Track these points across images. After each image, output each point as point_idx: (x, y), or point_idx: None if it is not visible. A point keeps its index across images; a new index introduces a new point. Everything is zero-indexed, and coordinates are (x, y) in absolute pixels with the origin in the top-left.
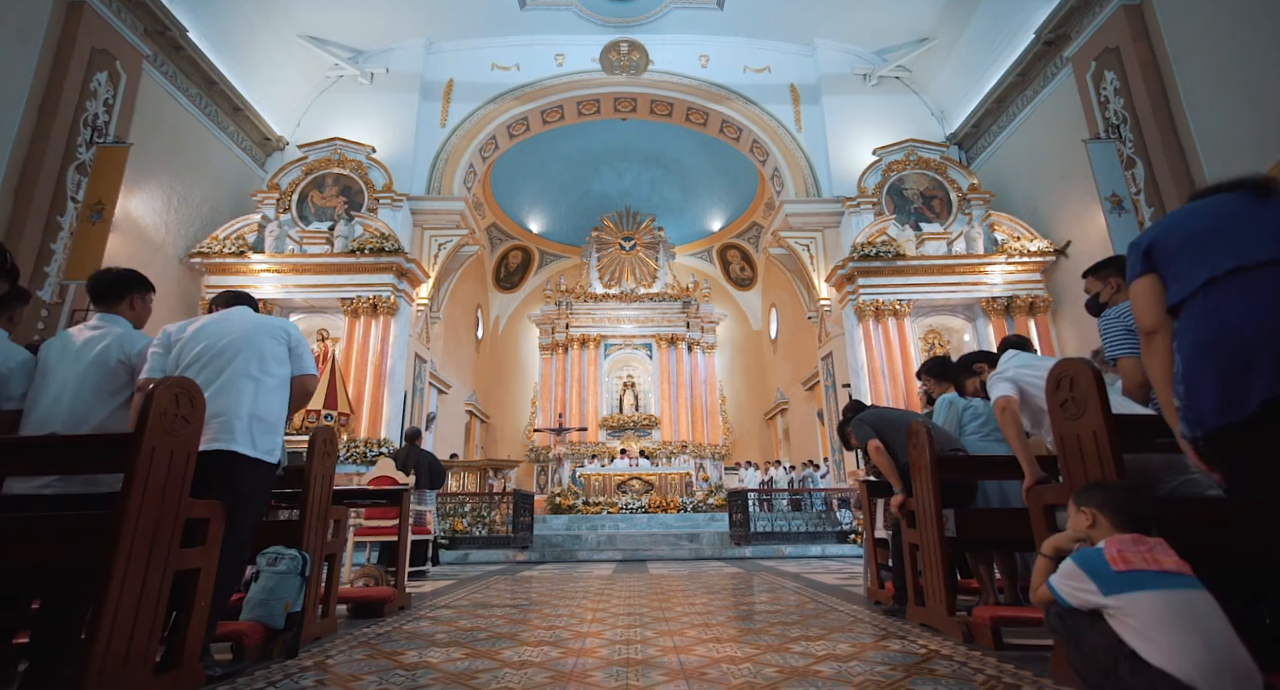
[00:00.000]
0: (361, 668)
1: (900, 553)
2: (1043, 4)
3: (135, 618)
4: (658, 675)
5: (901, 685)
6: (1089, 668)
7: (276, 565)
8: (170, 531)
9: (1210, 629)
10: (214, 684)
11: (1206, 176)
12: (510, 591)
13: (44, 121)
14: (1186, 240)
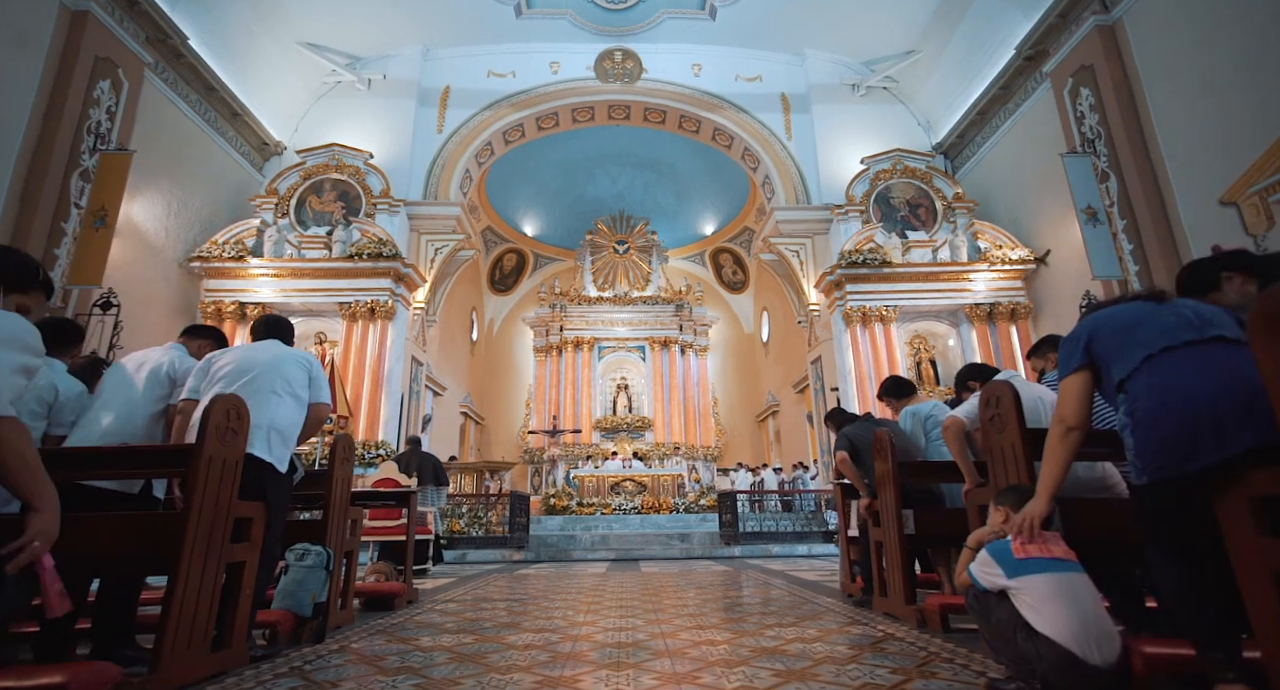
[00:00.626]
0: (383, 650)
1: (868, 549)
2: (1023, 20)
3: (196, 603)
4: (646, 654)
5: (855, 660)
6: (996, 638)
7: (304, 560)
8: (223, 528)
9: (1083, 604)
10: (256, 663)
11: (1174, 190)
12: (509, 588)
13: (48, 129)
14: (1119, 330)
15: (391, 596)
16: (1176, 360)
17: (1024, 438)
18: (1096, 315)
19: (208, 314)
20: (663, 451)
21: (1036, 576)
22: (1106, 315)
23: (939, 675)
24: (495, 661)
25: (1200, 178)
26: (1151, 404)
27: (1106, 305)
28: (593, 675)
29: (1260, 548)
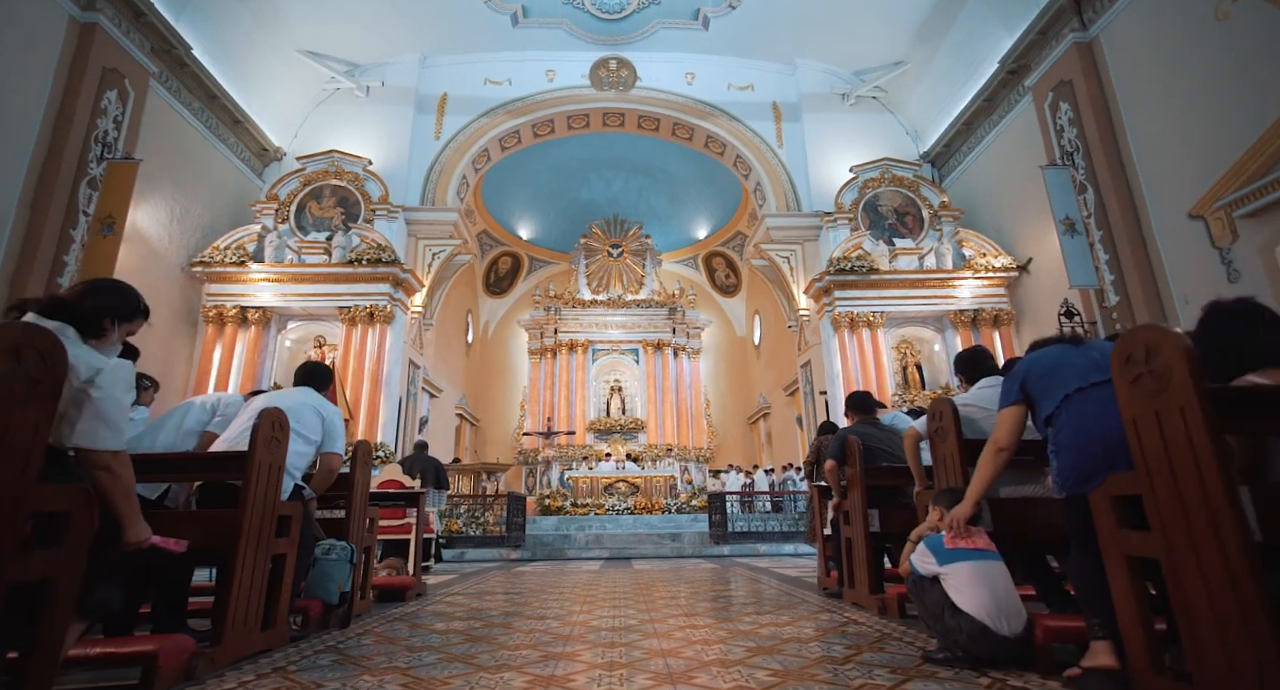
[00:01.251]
0: (403, 633)
1: (839, 546)
2: (1006, 35)
3: (250, 589)
4: (637, 636)
5: (818, 639)
6: (929, 615)
7: (330, 554)
8: (270, 524)
9: (997, 586)
10: (295, 642)
11: (1147, 203)
12: (510, 583)
13: (58, 138)
14: (1044, 373)
15: (403, 589)
16: (1088, 399)
17: (960, 447)
18: (1029, 359)
19: (209, 318)
20: (655, 453)
21: (961, 564)
22: (1036, 358)
23: (886, 650)
24: (505, 641)
25: (1171, 192)
26: (1069, 436)
27: (1037, 345)
28: (590, 651)
29: (1117, 536)
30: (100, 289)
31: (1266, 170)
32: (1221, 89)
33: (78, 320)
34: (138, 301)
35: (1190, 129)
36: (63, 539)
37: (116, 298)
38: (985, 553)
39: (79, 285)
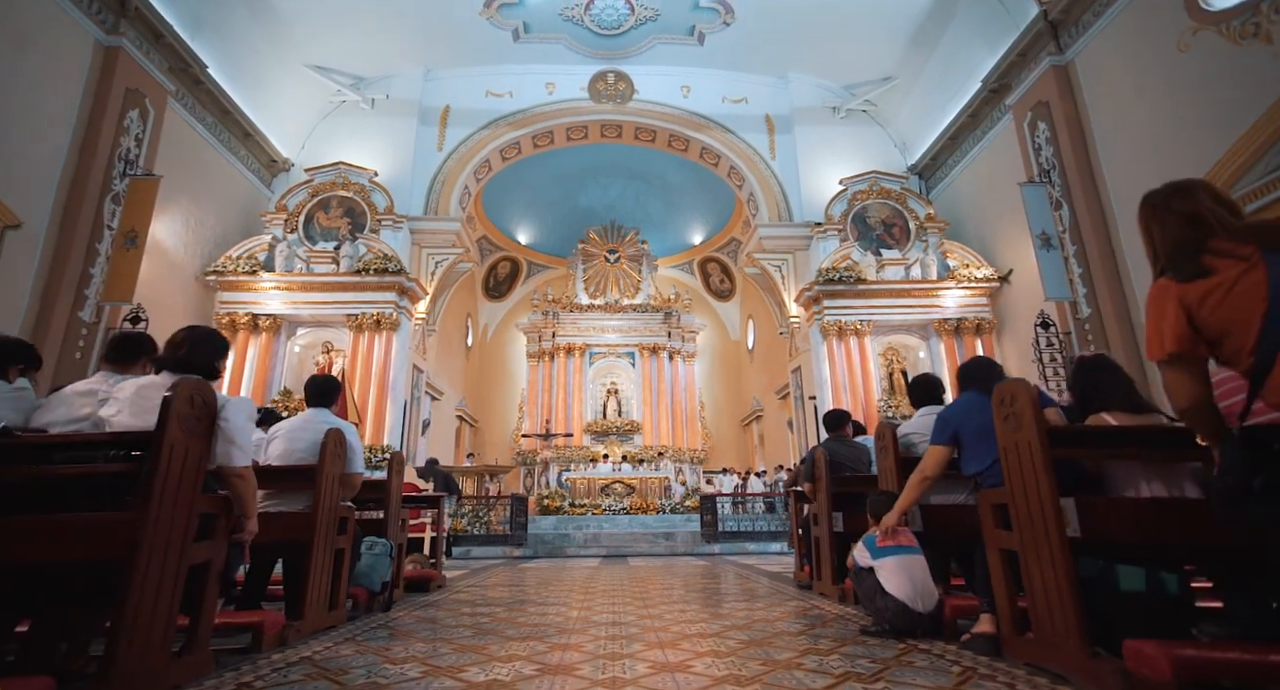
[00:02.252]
0: (439, 614)
1: (809, 543)
2: (989, 55)
3: (321, 575)
4: (632, 618)
5: (782, 620)
6: (865, 597)
7: (373, 549)
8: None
9: (915, 575)
10: (352, 621)
11: (1117, 220)
12: (517, 577)
13: (85, 157)
14: (977, 433)
15: (428, 580)
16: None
17: (897, 463)
18: (960, 411)
19: (222, 325)
20: (651, 454)
21: (889, 558)
22: (966, 413)
23: (834, 627)
24: (523, 621)
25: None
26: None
27: (964, 377)
28: (594, 630)
29: (994, 534)
30: (202, 338)
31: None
32: (1183, 116)
33: (202, 370)
34: (226, 342)
35: (1156, 152)
36: (213, 533)
37: (216, 343)
38: (908, 549)
39: (184, 336)
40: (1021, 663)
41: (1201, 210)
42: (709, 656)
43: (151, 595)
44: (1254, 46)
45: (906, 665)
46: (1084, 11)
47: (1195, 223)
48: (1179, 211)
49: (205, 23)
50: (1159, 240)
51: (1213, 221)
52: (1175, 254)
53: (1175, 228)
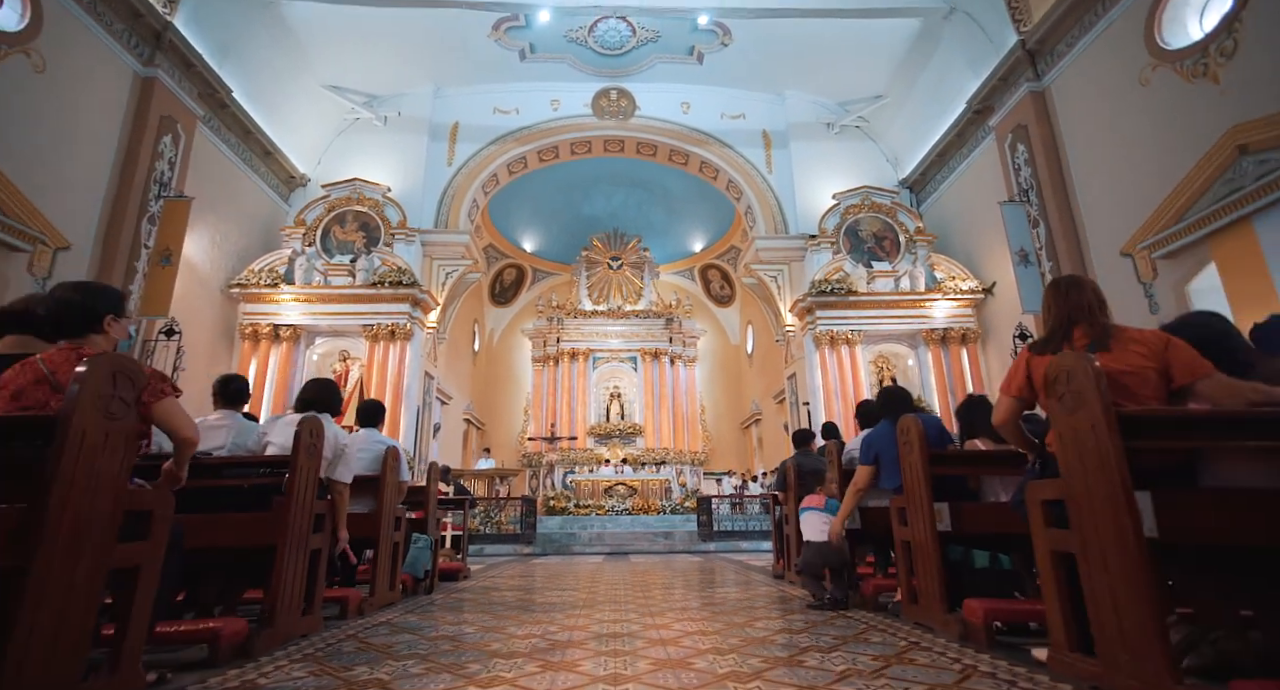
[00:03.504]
0: (473, 597)
1: (782, 540)
2: (973, 79)
3: (388, 562)
4: (634, 603)
5: (754, 599)
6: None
7: (417, 543)
8: (393, 522)
9: (816, 524)
10: (405, 600)
11: (1089, 240)
12: (531, 571)
13: (124, 181)
14: (889, 460)
15: (457, 571)
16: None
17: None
18: (879, 437)
19: (245, 335)
20: (653, 457)
21: (805, 513)
22: (884, 441)
23: (789, 604)
24: (542, 601)
25: (1108, 231)
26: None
27: (882, 416)
28: (600, 611)
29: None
30: (325, 386)
31: (1177, 219)
32: (1146, 144)
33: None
34: (339, 392)
35: (1122, 176)
36: (322, 527)
37: (334, 391)
38: (815, 509)
39: (315, 385)
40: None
41: (1084, 303)
42: (686, 621)
43: (291, 570)
44: (1203, 85)
45: (829, 622)
46: (1058, 42)
47: (1076, 311)
48: (1071, 301)
49: (231, 50)
50: (1051, 315)
51: (1085, 314)
52: (1052, 333)
53: (1060, 314)
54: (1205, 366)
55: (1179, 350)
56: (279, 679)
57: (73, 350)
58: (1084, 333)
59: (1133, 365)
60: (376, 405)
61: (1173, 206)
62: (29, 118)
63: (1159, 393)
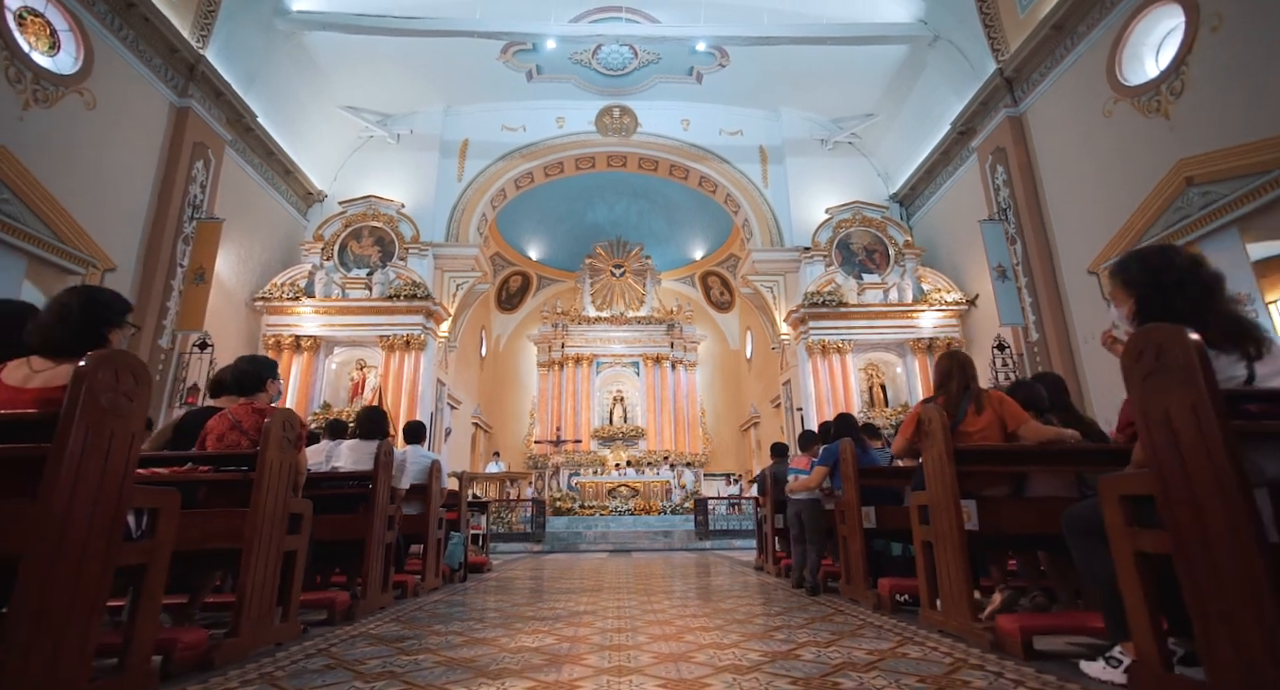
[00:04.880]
0: (503, 583)
1: (761, 537)
2: (956, 101)
3: (434, 554)
4: (635, 589)
5: (733, 585)
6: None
7: (452, 539)
8: (436, 522)
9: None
10: (446, 586)
11: (1060, 258)
12: (544, 565)
13: (162, 206)
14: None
15: (481, 565)
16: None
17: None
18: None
19: (269, 345)
20: (654, 458)
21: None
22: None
23: (767, 588)
24: (559, 587)
25: (1077, 249)
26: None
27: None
28: (607, 595)
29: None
30: (379, 416)
31: (1135, 242)
32: (1110, 171)
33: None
34: (386, 419)
35: (1089, 199)
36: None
37: (383, 419)
38: (803, 470)
39: (368, 413)
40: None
41: (968, 377)
42: (673, 597)
43: (377, 556)
44: (1157, 120)
45: (790, 597)
46: (1033, 71)
47: (972, 380)
48: (966, 376)
49: (256, 77)
50: (951, 383)
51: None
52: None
53: (957, 385)
54: (1024, 417)
55: (1008, 406)
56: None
57: (249, 405)
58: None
59: (991, 418)
60: (420, 425)
61: (1132, 230)
62: (81, 151)
63: (1002, 435)
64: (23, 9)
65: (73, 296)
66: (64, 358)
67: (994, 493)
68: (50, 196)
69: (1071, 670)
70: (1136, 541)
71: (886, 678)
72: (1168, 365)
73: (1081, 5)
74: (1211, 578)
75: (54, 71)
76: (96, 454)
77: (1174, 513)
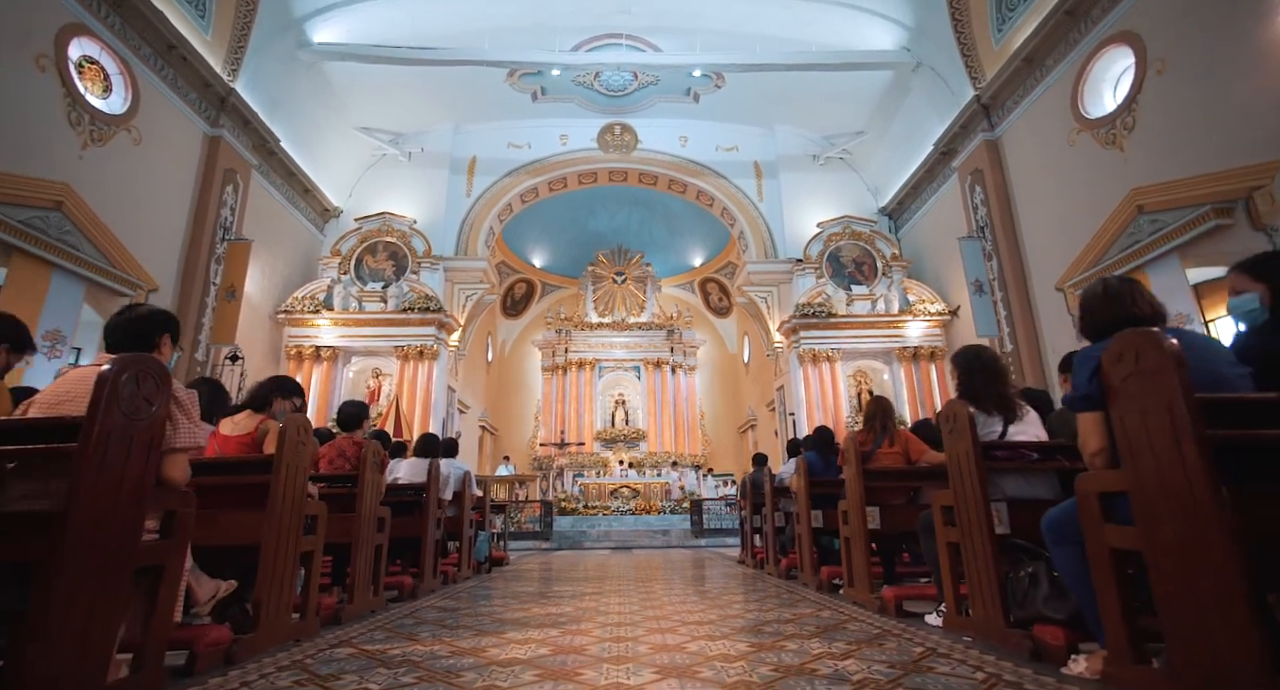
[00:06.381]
0: (523, 574)
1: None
2: (939, 123)
3: (466, 549)
4: (634, 578)
5: (718, 577)
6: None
7: (479, 536)
8: (468, 522)
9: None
10: (476, 576)
11: (1032, 275)
12: (554, 560)
13: (196, 229)
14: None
15: (502, 559)
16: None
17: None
18: (814, 461)
19: (290, 355)
20: (655, 460)
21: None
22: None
23: (750, 578)
24: (570, 577)
25: (1047, 267)
26: None
27: (812, 447)
28: (611, 582)
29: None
30: (433, 440)
31: (1094, 263)
32: (1074, 195)
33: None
34: (438, 441)
35: (1057, 221)
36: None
37: (436, 441)
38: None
39: (424, 438)
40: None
41: (887, 417)
42: (666, 584)
43: (431, 549)
44: (1113, 151)
45: (762, 581)
46: (1007, 98)
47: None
48: (886, 416)
49: (279, 103)
50: (875, 421)
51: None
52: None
53: (879, 423)
54: (923, 448)
55: (913, 442)
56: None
57: (349, 438)
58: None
59: (898, 451)
60: (453, 441)
61: (1091, 252)
62: (128, 182)
63: (906, 461)
64: (82, 58)
65: (267, 382)
66: (255, 413)
67: (894, 501)
68: (104, 226)
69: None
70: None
71: (800, 625)
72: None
73: (1049, 40)
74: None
75: (107, 112)
76: (296, 478)
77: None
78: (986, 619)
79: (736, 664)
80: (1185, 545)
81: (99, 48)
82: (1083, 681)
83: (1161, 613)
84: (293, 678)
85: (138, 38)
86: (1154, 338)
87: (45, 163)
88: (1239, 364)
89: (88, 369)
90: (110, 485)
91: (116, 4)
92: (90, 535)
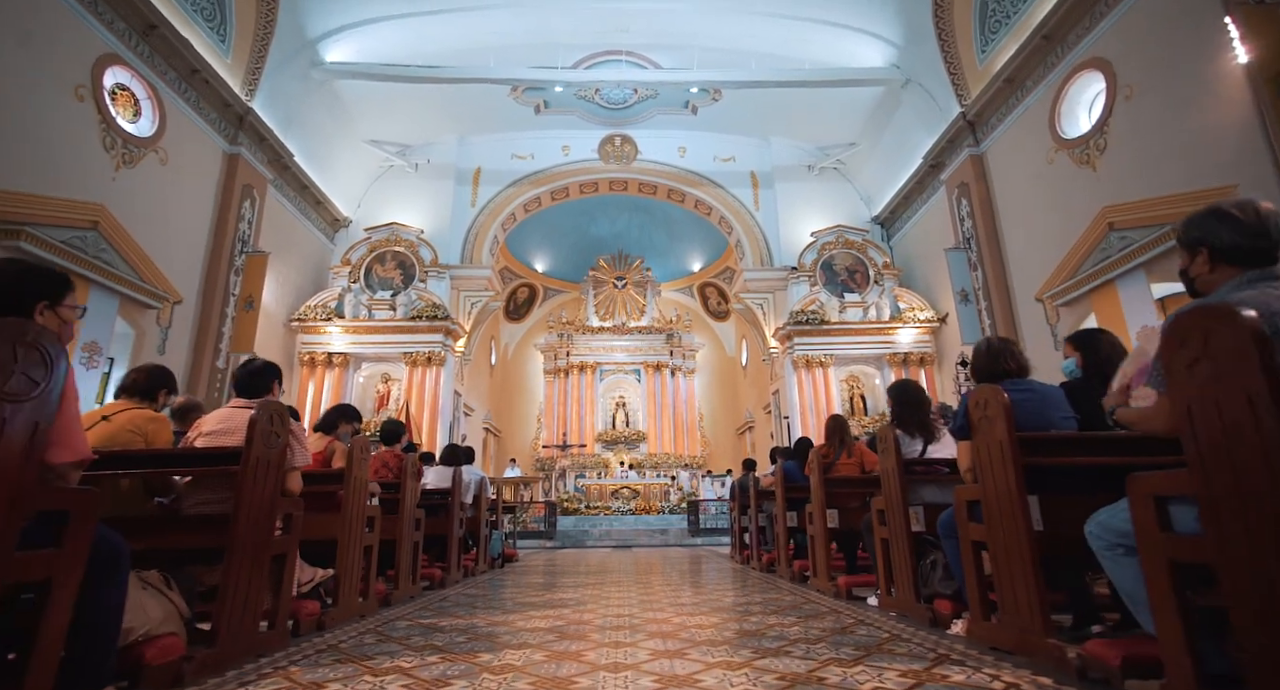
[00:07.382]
0: (534, 569)
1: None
2: (928, 137)
3: (481, 546)
4: (633, 572)
5: (710, 573)
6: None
7: (493, 535)
8: (485, 522)
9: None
10: (491, 570)
11: (1015, 285)
12: (559, 557)
13: (217, 243)
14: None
15: (513, 557)
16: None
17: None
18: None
19: (303, 361)
20: (655, 461)
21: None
22: (796, 470)
23: (739, 573)
24: (576, 570)
25: (1028, 279)
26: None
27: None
28: (612, 577)
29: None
30: (459, 448)
31: (1070, 276)
32: (1052, 210)
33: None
34: (460, 450)
35: (1037, 234)
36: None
37: (464, 450)
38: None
39: (451, 448)
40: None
41: (844, 433)
42: (663, 577)
43: (456, 544)
44: (1086, 170)
45: (746, 572)
46: (991, 115)
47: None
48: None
49: (293, 119)
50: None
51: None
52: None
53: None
54: (874, 459)
55: (867, 454)
56: (469, 591)
57: (391, 451)
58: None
59: (855, 461)
60: (470, 450)
61: (1068, 265)
62: (156, 201)
63: (861, 471)
64: (115, 85)
65: (333, 410)
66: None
67: (852, 505)
68: (135, 243)
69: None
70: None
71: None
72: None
73: (1028, 63)
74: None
75: (137, 135)
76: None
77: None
78: (903, 597)
79: (708, 631)
80: (1007, 536)
81: (130, 75)
82: (956, 637)
83: (997, 584)
84: (374, 638)
85: (164, 63)
86: (995, 393)
87: (81, 185)
88: (1069, 410)
89: (236, 410)
90: (258, 495)
91: (145, 33)
92: (249, 531)
